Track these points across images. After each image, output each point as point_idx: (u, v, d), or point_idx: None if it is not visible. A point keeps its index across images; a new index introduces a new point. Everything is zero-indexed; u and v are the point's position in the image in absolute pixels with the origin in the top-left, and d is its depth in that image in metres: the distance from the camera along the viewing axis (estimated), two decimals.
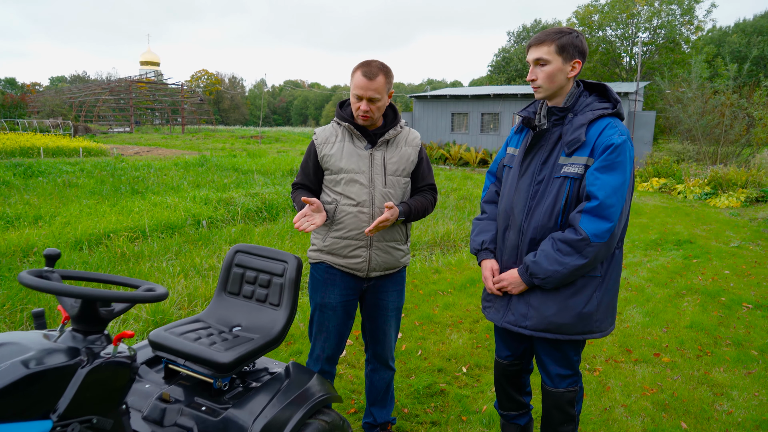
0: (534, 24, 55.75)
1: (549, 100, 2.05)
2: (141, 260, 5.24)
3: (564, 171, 1.97)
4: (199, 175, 12.20)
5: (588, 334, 2.05)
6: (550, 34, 1.95)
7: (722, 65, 26.63)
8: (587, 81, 2.09)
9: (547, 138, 2.04)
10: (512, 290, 2.09)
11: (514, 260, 2.11)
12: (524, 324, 2.08)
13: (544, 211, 2.01)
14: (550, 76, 1.96)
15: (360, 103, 2.22)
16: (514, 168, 2.15)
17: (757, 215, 10.76)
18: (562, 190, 1.97)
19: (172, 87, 57.71)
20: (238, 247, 2.27)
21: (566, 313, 2.01)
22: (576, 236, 1.91)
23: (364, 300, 2.48)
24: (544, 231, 2.02)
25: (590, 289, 2.02)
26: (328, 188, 2.34)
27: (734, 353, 3.91)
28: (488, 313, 2.26)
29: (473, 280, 5.43)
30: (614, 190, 1.88)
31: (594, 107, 1.99)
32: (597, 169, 1.90)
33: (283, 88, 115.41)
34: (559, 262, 1.93)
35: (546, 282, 1.98)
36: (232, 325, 2.12)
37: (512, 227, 2.11)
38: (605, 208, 1.87)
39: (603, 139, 1.91)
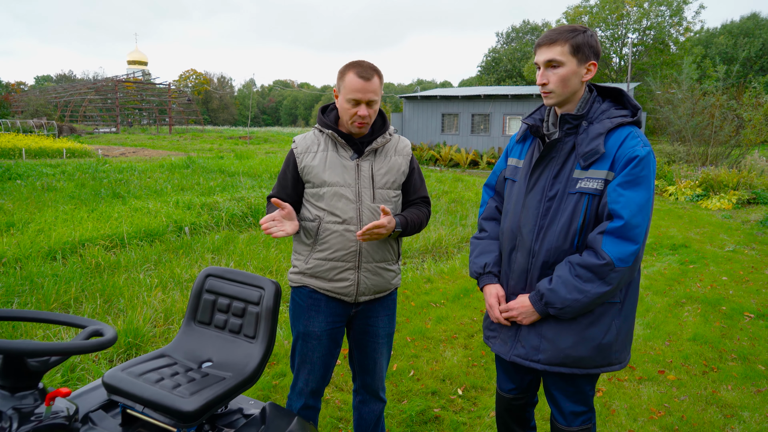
0: (523, 25, 55.84)
1: (559, 107, 1.82)
2: (117, 271, 4.96)
3: (580, 186, 1.75)
4: (185, 177, 11.88)
5: (606, 366, 1.83)
6: (563, 32, 1.73)
7: (711, 66, 26.75)
8: (600, 85, 1.87)
9: (559, 149, 1.81)
10: (522, 320, 1.86)
11: (523, 286, 1.88)
12: (536, 358, 1.84)
13: (558, 232, 1.78)
14: (564, 79, 1.74)
15: (357, 108, 1.98)
16: (520, 182, 1.92)
17: (750, 217, 10.68)
18: (579, 208, 1.75)
19: (160, 87, 57.01)
20: (209, 271, 2.03)
21: (584, 345, 1.78)
22: (598, 260, 1.68)
23: (351, 326, 2.24)
24: (558, 254, 1.80)
25: (609, 317, 1.79)
26: (310, 203, 2.10)
27: (741, 368, 3.73)
28: (493, 344, 2.01)
29: (467, 290, 5.21)
30: (640, 208, 1.67)
31: (611, 115, 1.78)
32: (620, 185, 1.68)
33: (272, 88, 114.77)
34: (578, 289, 1.70)
35: (563, 312, 1.75)
36: (202, 360, 1.88)
37: (520, 249, 1.88)
38: (630, 229, 1.66)
39: (625, 151, 1.70)
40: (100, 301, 4.11)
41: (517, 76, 50.78)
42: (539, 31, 54.97)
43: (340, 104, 2.03)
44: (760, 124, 16.37)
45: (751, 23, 44.11)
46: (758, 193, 12.65)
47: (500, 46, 56.02)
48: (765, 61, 40.37)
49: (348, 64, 2.01)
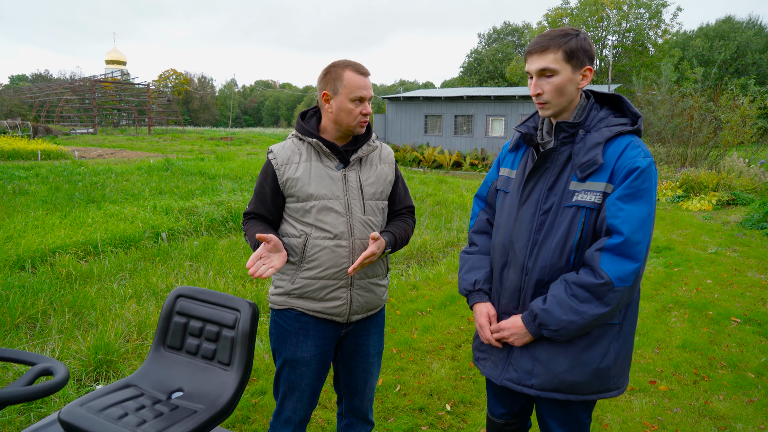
0: (504, 26, 56.19)
1: (555, 117, 1.71)
2: (89, 281, 4.75)
3: (577, 199, 1.63)
4: (163, 180, 11.59)
5: (604, 392, 1.72)
6: (555, 38, 1.61)
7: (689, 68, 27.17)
8: (598, 92, 1.75)
9: (554, 159, 1.70)
10: (514, 342, 1.74)
11: (516, 305, 1.77)
12: (529, 383, 1.72)
13: (553, 248, 1.67)
14: (559, 88, 1.62)
15: (362, 106, 1.88)
16: (512, 193, 1.80)
17: (730, 218, 10.79)
18: (576, 223, 1.64)
19: (139, 87, 56.07)
20: (180, 291, 1.87)
21: (580, 369, 1.67)
22: (596, 280, 1.57)
23: (340, 347, 2.10)
24: (553, 271, 1.68)
25: (607, 340, 1.68)
26: (294, 218, 1.94)
27: (731, 377, 3.68)
28: (483, 366, 1.88)
29: (453, 297, 5.10)
30: (641, 223, 1.56)
31: (610, 123, 1.67)
32: (620, 198, 1.57)
33: (253, 89, 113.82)
34: (575, 310, 1.59)
35: (558, 334, 1.64)
36: (171, 390, 1.73)
37: (512, 265, 1.76)
38: (631, 246, 1.55)
39: (625, 162, 1.59)
40: (69, 315, 3.90)
41: (499, 77, 51.08)
42: (520, 32, 55.37)
43: (341, 106, 1.89)
44: (737, 125, 16.65)
45: (726, 26, 44.96)
46: (737, 195, 12.81)
47: (482, 47, 56.30)
48: (740, 64, 41.17)
49: (336, 64, 1.88)
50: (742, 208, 11.92)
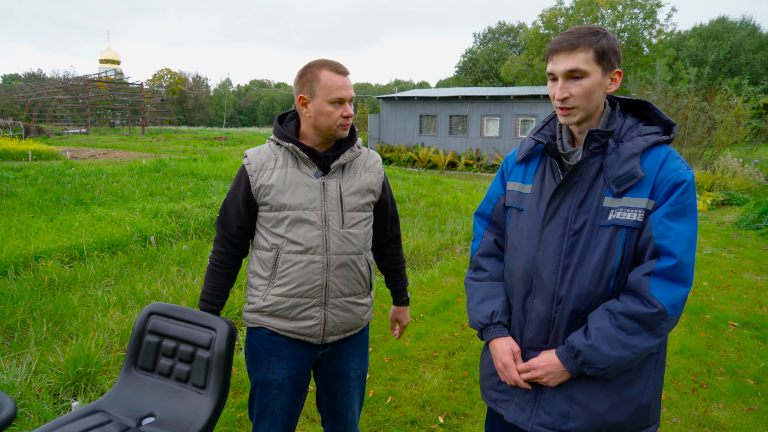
0: (499, 26, 56.18)
1: (578, 124, 1.53)
2: (72, 288, 4.62)
3: (615, 217, 1.45)
4: (155, 181, 11.44)
5: (644, 429, 1.56)
6: (585, 35, 1.44)
7: (683, 68, 27.22)
8: (622, 98, 1.58)
9: (583, 172, 1.51)
10: (549, 382, 1.53)
11: (544, 338, 1.56)
12: (566, 427, 1.53)
13: (590, 273, 1.47)
14: (589, 92, 1.45)
15: (342, 108, 1.75)
16: (531, 211, 1.59)
17: (725, 219, 10.75)
18: (615, 244, 1.46)
19: (133, 86, 55.70)
20: (152, 308, 1.76)
21: (623, 408, 1.50)
22: (647, 309, 1.40)
23: (318, 369, 1.97)
24: (591, 299, 1.49)
25: (647, 372, 1.52)
26: (266, 229, 1.81)
27: (730, 384, 3.60)
28: (506, 410, 1.64)
29: (446, 302, 5.01)
30: (690, 243, 1.42)
31: (642, 131, 1.51)
32: (667, 216, 1.42)
33: (248, 88, 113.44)
34: (624, 344, 1.42)
35: (606, 373, 1.46)
36: (142, 415, 1.62)
37: (539, 293, 1.55)
38: (683, 269, 1.40)
39: (668, 175, 1.43)
40: (49, 324, 3.77)
41: (494, 77, 51.05)
42: (515, 32, 55.36)
43: (318, 109, 1.76)
44: (731, 125, 16.65)
45: (720, 26, 45.11)
46: (732, 195, 12.79)
47: (477, 47, 56.28)
48: (733, 64, 41.29)
49: (312, 64, 1.76)
50: (737, 209, 11.89)
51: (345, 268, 1.82)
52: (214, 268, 1.86)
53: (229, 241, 1.86)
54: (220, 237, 1.87)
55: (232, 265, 1.89)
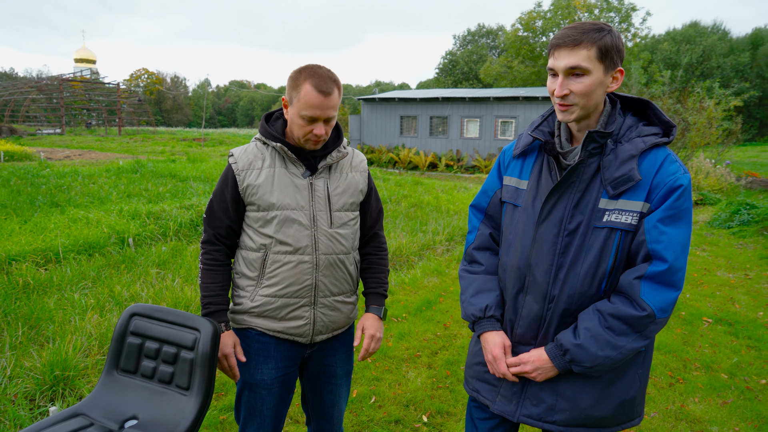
0: (478, 28, 56.65)
1: (577, 122, 1.51)
2: (48, 291, 4.52)
3: (610, 219, 1.46)
4: (132, 183, 11.25)
5: (627, 423, 1.60)
6: (588, 31, 1.40)
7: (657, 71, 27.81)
8: (622, 96, 1.56)
9: (581, 172, 1.50)
10: (537, 377, 1.55)
11: (534, 335, 1.59)
12: (552, 419, 1.56)
13: (583, 274, 1.49)
14: (589, 90, 1.42)
15: (313, 125, 1.70)
16: (527, 208, 1.60)
17: (698, 218, 11.01)
18: (609, 246, 1.47)
19: (109, 86, 54.68)
20: (134, 309, 1.74)
21: (608, 403, 1.54)
22: (636, 312, 1.42)
23: (305, 368, 1.97)
24: (582, 300, 1.52)
25: (633, 369, 1.56)
26: (253, 229, 1.80)
27: (705, 379, 3.70)
28: (494, 402, 1.67)
29: (429, 302, 5.03)
30: (683, 248, 1.42)
31: (641, 132, 1.49)
32: (661, 220, 1.42)
33: (228, 89, 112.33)
34: (612, 345, 1.44)
35: (592, 371, 1.49)
36: (124, 418, 1.59)
37: (532, 291, 1.57)
38: (674, 273, 1.41)
39: (665, 179, 1.43)
40: (24, 328, 3.68)
41: (474, 78, 51.45)
42: (494, 34, 55.87)
43: (292, 118, 1.74)
44: (704, 127, 17.07)
45: (692, 30, 46.22)
46: (705, 195, 13.10)
47: (457, 48, 56.66)
48: (705, 67, 42.32)
49: (303, 71, 1.70)
50: (710, 208, 12.19)
51: (334, 268, 1.83)
52: (209, 267, 1.83)
53: (219, 239, 1.84)
54: (210, 237, 1.85)
55: (226, 261, 1.87)
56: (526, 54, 40.10)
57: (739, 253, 7.71)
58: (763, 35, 48.13)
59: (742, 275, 6.52)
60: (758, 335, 4.51)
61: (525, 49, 39.90)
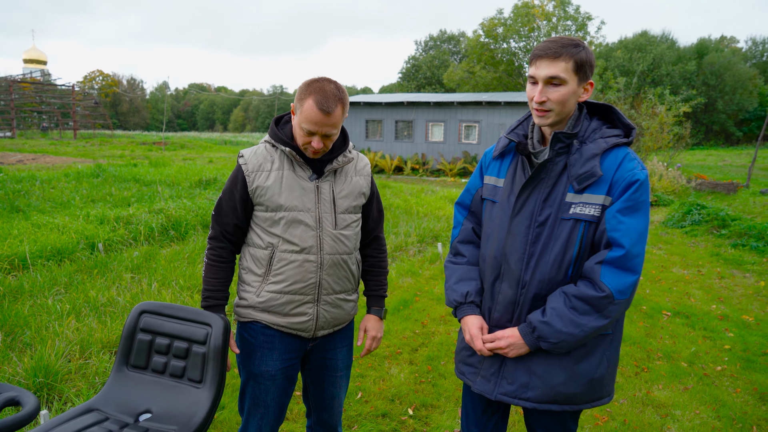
0: (440, 34, 57.46)
1: (551, 126, 1.68)
2: (20, 298, 4.41)
3: (575, 212, 1.62)
4: (94, 187, 10.95)
5: (597, 401, 1.74)
6: (567, 46, 1.57)
7: (612, 78, 28.95)
8: (589, 101, 1.73)
9: (550, 170, 1.66)
10: (509, 352, 1.70)
11: (509, 318, 1.74)
12: (525, 396, 1.70)
13: (551, 261, 1.65)
14: (565, 99, 1.59)
15: (311, 138, 1.79)
16: (503, 203, 1.76)
17: (653, 218, 11.55)
18: (574, 235, 1.62)
19: (62, 88, 52.69)
20: (143, 307, 1.78)
21: (577, 380, 1.67)
22: (596, 293, 1.57)
23: (307, 361, 2.06)
24: (552, 285, 1.67)
25: (601, 350, 1.70)
26: (262, 228, 1.88)
27: (667, 367, 3.95)
28: (473, 381, 1.82)
29: (405, 302, 5.15)
30: (640, 236, 1.58)
31: (604, 134, 1.66)
32: (620, 211, 1.57)
33: (187, 92, 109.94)
34: (575, 323, 1.59)
35: (557, 347, 1.63)
36: (138, 412, 1.64)
37: (506, 278, 1.72)
38: (631, 259, 1.56)
39: (624, 174, 1.59)
40: (0, 334, 3.60)
41: (436, 83, 52.12)
42: (455, 40, 56.81)
43: (295, 126, 1.84)
44: (657, 132, 17.89)
45: (642, 39, 48.20)
46: (659, 196, 13.75)
47: (419, 53, 57.29)
48: (656, 74, 44.23)
49: (311, 84, 1.78)
50: (664, 209, 12.80)
51: (337, 267, 1.92)
52: (214, 263, 1.91)
53: (225, 237, 1.92)
54: (217, 233, 1.92)
55: (231, 258, 1.95)
56: (488, 60, 40.97)
57: (692, 251, 8.17)
58: (708, 45, 50.75)
59: (695, 271, 6.92)
60: (712, 326, 4.83)
61: (486, 55, 40.76)
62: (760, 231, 8.48)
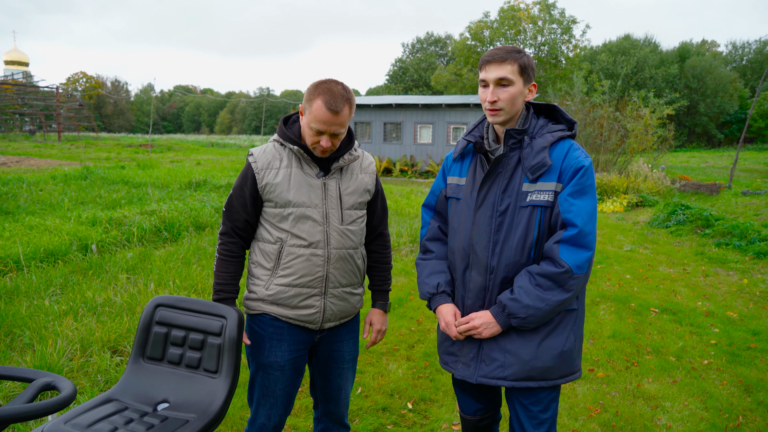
0: (427, 36, 57.79)
1: (502, 125, 1.85)
2: (16, 299, 4.40)
3: (531, 199, 1.79)
4: (83, 189, 10.88)
5: (569, 375, 1.87)
6: (511, 52, 1.77)
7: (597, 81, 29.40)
8: (535, 103, 1.93)
9: (505, 164, 1.84)
10: (483, 332, 1.82)
11: (482, 304, 1.87)
12: (502, 375, 1.82)
13: (515, 246, 1.80)
14: (513, 98, 1.77)
15: (320, 137, 1.87)
16: (466, 199, 1.91)
17: (639, 219, 11.78)
18: (533, 221, 1.79)
19: (45, 90, 52.00)
20: (158, 300, 1.84)
21: (547, 354, 1.80)
22: (557, 269, 1.72)
23: (315, 352, 2.12)
24: (517, 268, 1.82)
25: (568, 325, 1.84)
26: (271, 224, 1.95)
27: (656, 361, 4.07)
28: (455, 369, 1.94)
29: (400, 300, 5.23)
30: (590, 215, 1.74)
31: (550, 129, 1.85)
32: (570, 195, 1.75)
33: (172, 94, 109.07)
34: (540, 298, 1.73)
35: (526, 322, 1.76)
36: (156, 401, 1.69)
37: (475, 266, 1.86)
38: (584, 236, 1.72)
39: (571, 162, 1.77)
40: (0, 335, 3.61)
41: (424, 85, 52.38)
42: (442, 43, 57.16)
43: (304, 126, 1.92)
44: (641, 134, 18.21)
45: (626, 43, 48.96)
46: (644, 197, 13.99)
47: (406, 56, 57.51)
48: (639, 78, 44.95)
49: (320, 86, 1.86)
50: (649, 209, 13.04)
51: (343, 261, 1.99)
52: (225, 258, 1.97)
53: (236, 232, 1.99)
54: (228, 229, 1.99)
55: (241, 253, 2.02)
56: (475, 62, 41.28)
57: (677, 250, 8.36)
58: (689, 49, 51.68)
59: (681, 270, 7.10)
60: (698, 322, 4.98)
61: (473, 58, 41.08)
62: (742, 230, 8.69)
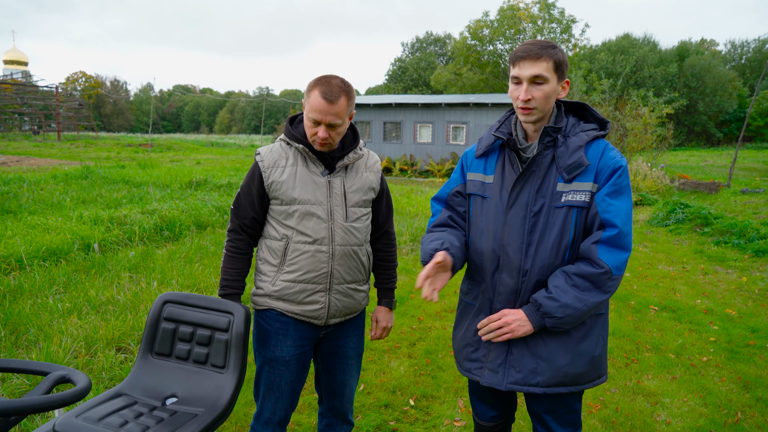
0: (426, 35, 57.79)
1: (535, 123, 1.78)
2: (20, 297, 4.43)
3: (567, 199, 1.73)
4: (84, 189, 10.89)
5: (596, 380, 1.84)
6: (546, 47, 1.69)
7: (596, 80, 29.39)
8: (563, 100, 1.86)
9: (540, 162, 1.77)
10: (515, 330, 1.74)
11: (512, 307, 1.81)
12: (534, 381, 1.76)
13: (549, 248, 1.74)
14: (548, 96, 1.70)
15: (317, 128, 1.89)
16: (494, 198, 1.83)
17: (638, 218, 11.81)
18: (569, 221, 1.73)
19: (45, 90, 51.96)
20: (166, 297, 1.86)
21: (580, 360, 1.76)
22: (596, 270, 1.67)
23: (320, 348, 2.16)
24: (551, 270, 1.76)
25: (598, 329, 1.80)
26: (277, 221, 1.99)
27: (656, 358, 4.10)
28: (481, 376, 1.85)
29: (401, 299, 5.26)
30: (628, 216, 1.70)
31: (584, 128, 1.79)
32: (608, 195, 1.70)
33: (172, 93, 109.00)
34: (578, 298, 1.67)
35: (562, 322, 1.70)
36: (165, 396, 1.72)
37: (506, 269, 1.78)
38: (623, 237, 1.68)
39: (608, 162, 1.72)
40: (5, 332, 3.63)
41: (423, 85, 52.38)
42: (442, 42, 57.15)
43: (304, 119, 1.95)
44: (640, 133, 18.25)
45: (625, 42, 48.95)
46: (644, 196, 14.03)
47: (406, 55, 57.52)
48: (638, 77, 44.96)
49: (317, 79, 1.91)
50: (649, 208, 13.08)
51: (348, 258, 2.02)
52: (232, 255, 2.01)
53: (243, 230, 2.03)
54: (236, 226, 2.03)
55: (248, 250, 2.05)
56: (474, 62, 41.31)
57: (677, 249, 8.39)
58: (688, 48, 51.71)
59: (680, 268, 7.13)
60: (697, 320, 5.01)
61: (473, 57, 41.10)
62: (741, 229, 8.73)
